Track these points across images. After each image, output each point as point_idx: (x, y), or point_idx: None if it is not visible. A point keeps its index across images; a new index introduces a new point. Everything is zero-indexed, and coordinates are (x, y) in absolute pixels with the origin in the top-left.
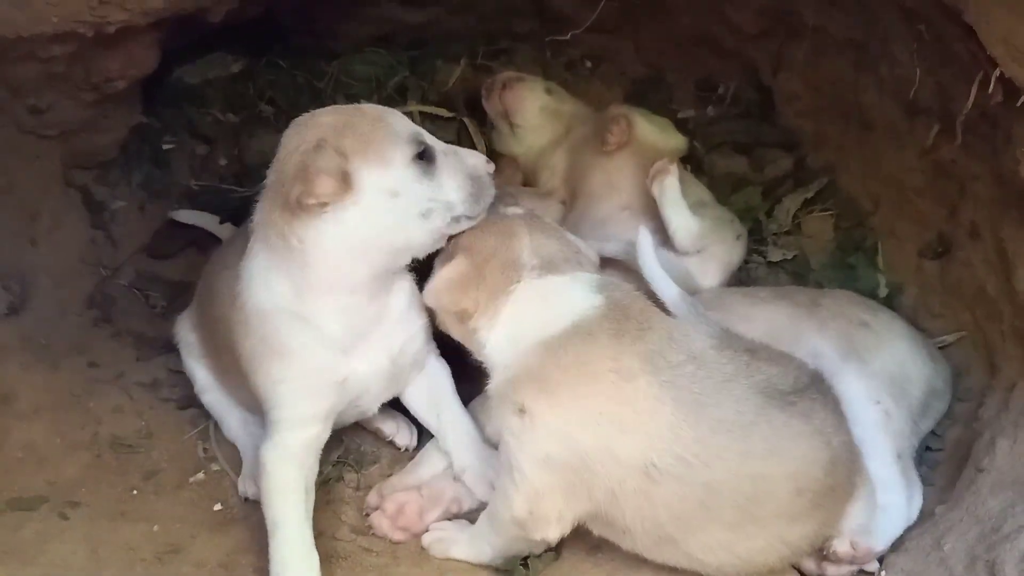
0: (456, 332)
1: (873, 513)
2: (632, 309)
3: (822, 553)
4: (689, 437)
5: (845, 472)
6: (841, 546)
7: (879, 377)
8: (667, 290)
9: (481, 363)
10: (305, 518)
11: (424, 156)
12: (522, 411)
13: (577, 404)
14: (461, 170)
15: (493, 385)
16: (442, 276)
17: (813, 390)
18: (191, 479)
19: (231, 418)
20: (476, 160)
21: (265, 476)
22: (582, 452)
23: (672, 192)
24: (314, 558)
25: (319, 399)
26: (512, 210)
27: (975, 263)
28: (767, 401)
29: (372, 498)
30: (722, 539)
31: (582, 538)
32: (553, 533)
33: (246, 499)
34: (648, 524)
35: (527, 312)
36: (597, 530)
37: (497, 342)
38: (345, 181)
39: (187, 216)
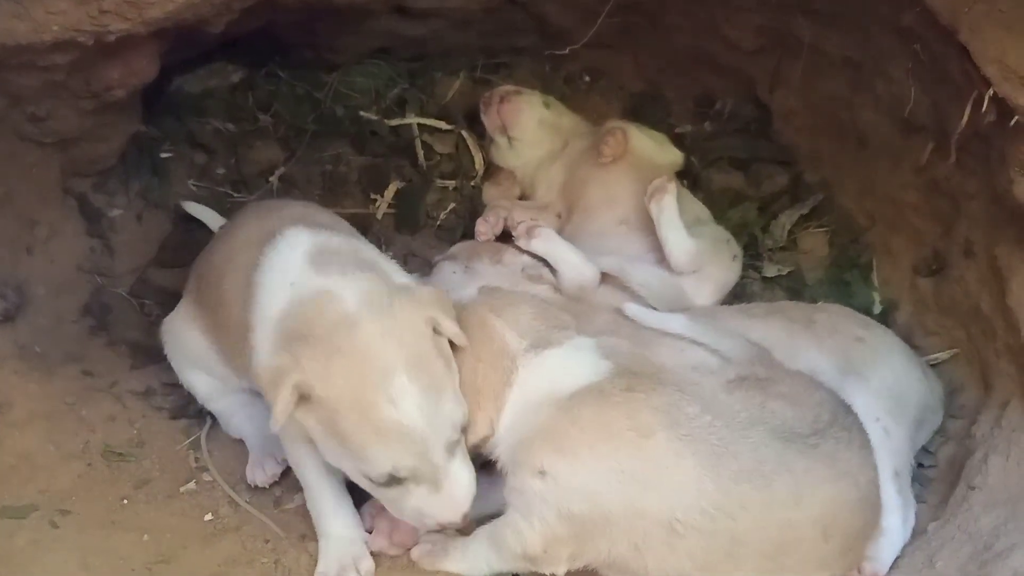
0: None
1: (876, 538)
2: (640, 368)
3: None
4: (712, 489)
5: (873, 510)
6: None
7: (878, 394)
8: (673, 323)
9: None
10: (326, 472)
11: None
12: (542, 473)
13: (598, 462)
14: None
15: (501, 451)
16: None
17: (837, 427)
18: (182, 489)
19: (236, 416)
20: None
21: (285, 445)
22: (606, 509)
23: (670, 212)
24: (347, 505)
25: None
26: (447, 265)
27: (969, 280)
28: (786, 447)
29: (364, 518)
30: None
31: None
32: (562, 570)
33: (254, 487)
34: (671, 573)
35: (533, 389)
36: (613, 575)
37: (506, 426)
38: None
39: (194, 208)
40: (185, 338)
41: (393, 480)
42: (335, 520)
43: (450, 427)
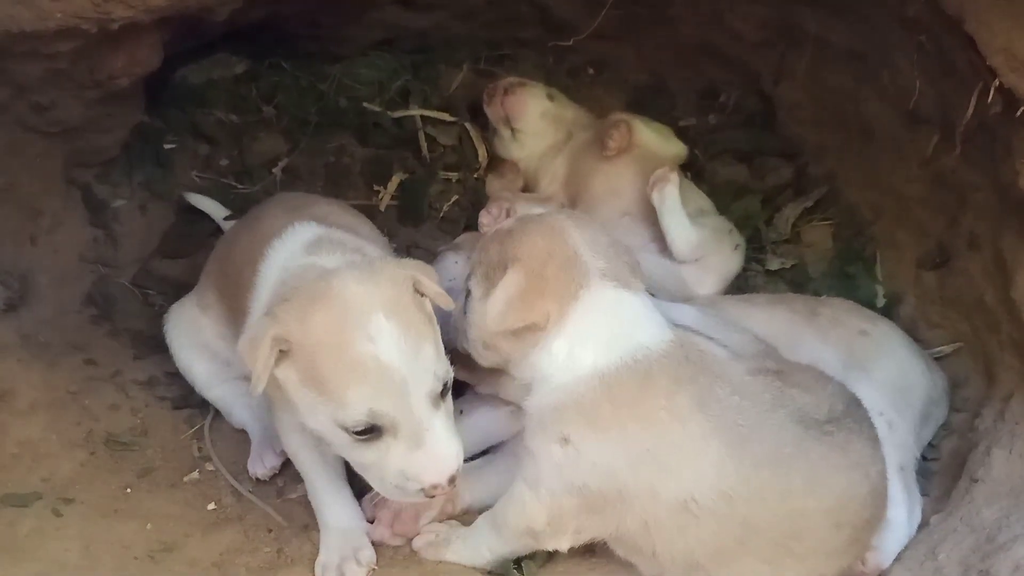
0: (503, 354)
1: (881, 530)
2: (692, 351)
3: None
4: (732, 474)
5: (882, 502)
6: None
7: (881, 387)
8: (684, 314)
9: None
10: (325, 463)
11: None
12: (566, 441)
13: (625, 442)
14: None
15: (534, 404)
16: (501, 295)
17: (850, 419)
18: (185, 478)
19: (237, 407)
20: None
21: (282, 437)
22: (621, 487)
23: (672, 201)
24: (347, 496)
25: None
26: (450, 255)
27: (974, 273)
28: (805, 432)
29: (365, 509)
30: (756, 570)
31: None
32: (566, 544)
33: (256, 479)
34: (679, 555)
35: (596, 326)
36: (620, 551)
37: (557, 355)
38: None
39: (197, 200)
40: (199, 324)
41: (372, 432)
42: (335, 510)
43: (432, 377)
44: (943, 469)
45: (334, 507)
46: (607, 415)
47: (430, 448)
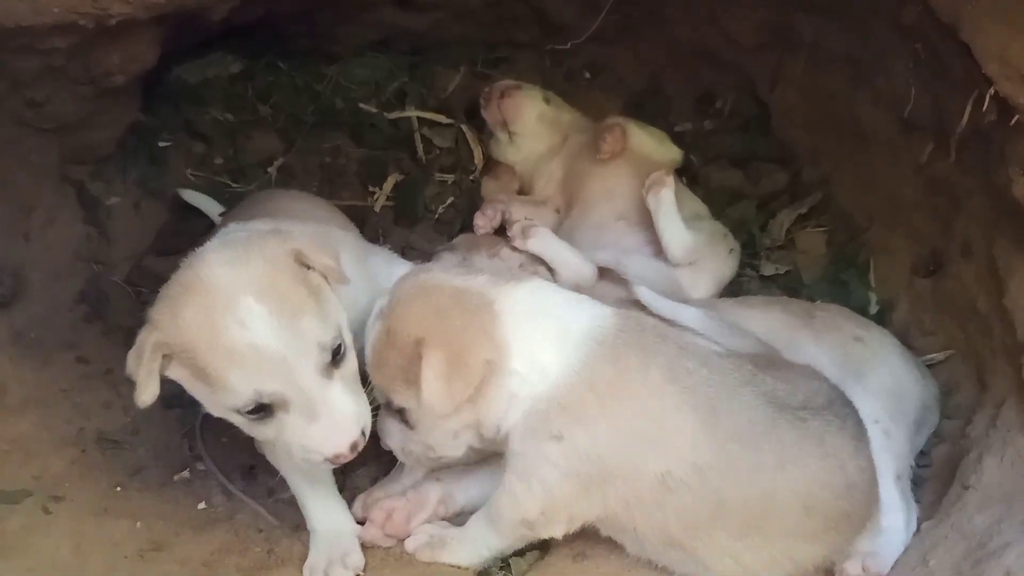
0: (473, 423)
1: (878, 535)
2: (638, 320)
3: (832, 574)
4: (706, 446)
5: (862, 499)
6: (853, 568)
7: (876, 395)
8: (686, 314)
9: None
10: (308, 477)
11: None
12: (559, 438)
13: (610, 423)
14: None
15: (513, 423)
16: (432, 379)
17: (830, 413)
18: (176, 477)
19: None
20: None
21: (264, 446)
22: (607, 467)
23: (667, 204)
24: (334, 499)
25: None
26: (446, 255)
27: (967, 280)
28: (778, 413)
29: (357, 510)
30: (728, 547)
31: (567, 542)
32: (560, 531)
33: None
34: (657, 530)
35: (538, 327)
36: (605, 531)
37: (519, 373)
38: None
39: (192, 196)
40: None
41: (264, 411)
42: (322, 514)
43: (316, 348)
44: (935, 475)
45: (321, 510)
46: (592, 404)
47: (325, 420)
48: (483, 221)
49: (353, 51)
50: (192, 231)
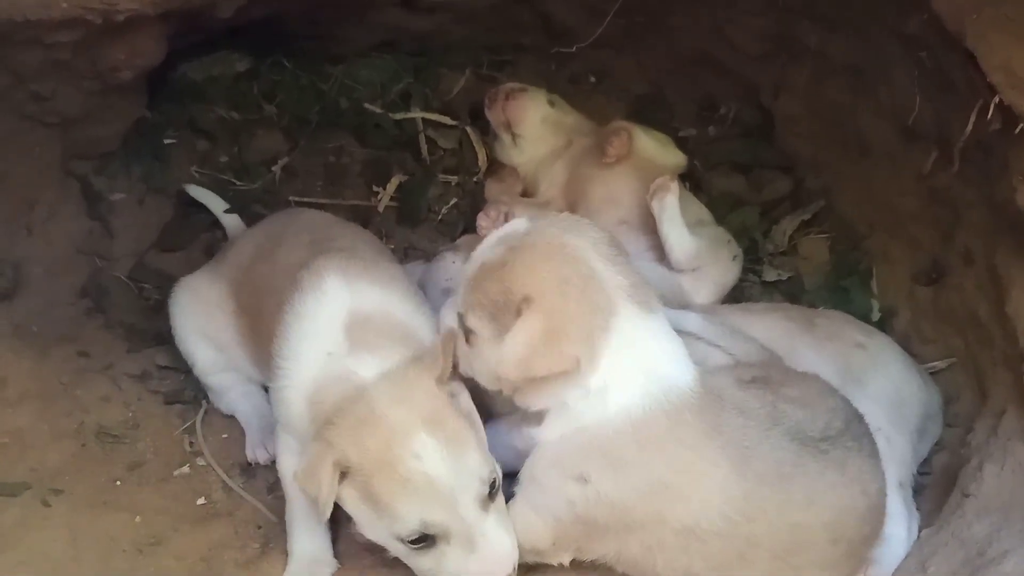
0: (517, 390)
1: (880, 544)
2: (724, 392)
3: None
4: (737, 495)
5: (880, 518)
6: None
7: (878, 402)
8: (689, 321)
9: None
10: (308, 508)
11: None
12: (585, 481)
13: (641, 476)
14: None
15: (547, 437)
16: (520, 341)
17: (848, 437)
18: (176, 472)
19: (233, 391)
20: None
21: (278, 457)
22: (631, 518)
23: (671, 210)
24: (318, 527)
25: None
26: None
27: (968, 289)
28: (802, 448)
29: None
30: None
31: None
32: (568, 559)
33: (256, 464)
34: (680, 572)
35: (632, 365)
36: (621, 568)
37: (587, 394)
38: None
39: (197, 192)
40: (210, 314)
41: (426, 540)
42: (304, 540)
43: (477, 481)
44: (934, 483)
45: (304, 537)
46: (631, 455)
47: (482, 551)
48: (486, 222)
49: (358, 52)
50: (196, 228)
